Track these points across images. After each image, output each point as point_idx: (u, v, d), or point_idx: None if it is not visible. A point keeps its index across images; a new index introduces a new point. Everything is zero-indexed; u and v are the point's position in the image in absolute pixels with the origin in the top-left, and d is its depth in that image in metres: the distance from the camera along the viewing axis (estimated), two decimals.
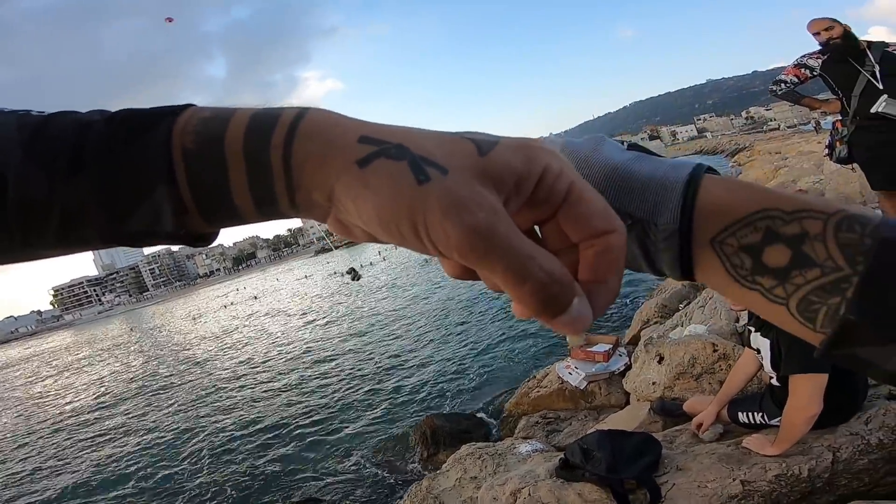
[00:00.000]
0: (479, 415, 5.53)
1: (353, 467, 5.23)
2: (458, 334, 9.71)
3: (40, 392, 17.96)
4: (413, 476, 4.47)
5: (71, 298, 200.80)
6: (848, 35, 3.21)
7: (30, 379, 23.43)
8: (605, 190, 0.33)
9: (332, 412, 7.14)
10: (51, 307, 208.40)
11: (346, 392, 7.93)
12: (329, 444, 6.04)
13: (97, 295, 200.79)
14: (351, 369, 9.33)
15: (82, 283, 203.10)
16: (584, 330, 0.24)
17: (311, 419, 7.08)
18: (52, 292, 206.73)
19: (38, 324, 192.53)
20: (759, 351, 2.17)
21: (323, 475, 5.27)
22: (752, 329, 2.19)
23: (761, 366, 2.24)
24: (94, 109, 0.28)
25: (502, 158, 0.24)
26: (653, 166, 0.34)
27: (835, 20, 3.24)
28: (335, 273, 35.98)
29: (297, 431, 6.74)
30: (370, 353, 10.14)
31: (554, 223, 0.26)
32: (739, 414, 2.37)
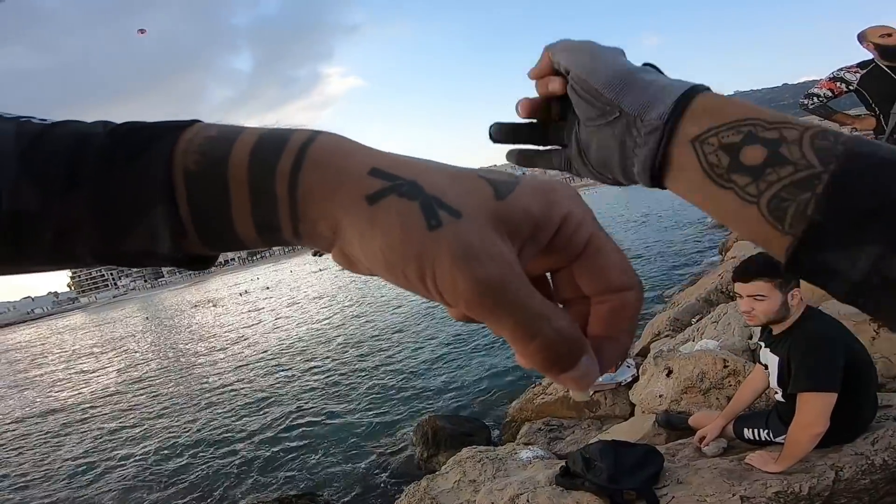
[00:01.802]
0: (481, 418, 5.52)
1: (351, 464, 5.24)
2: (465, 336, 9.68)
3: (47, 375, 18.28)
4: (411, 476, 4.46)
5: (88, 281, 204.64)
6: None
7: (38, 361, 23.85)
8: (608, 84, 0.35)
9: (333, 408, 7.16)
10: (67, 289, 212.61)
11: (349, 388, 7.95)
12: (328, 439, 6.05)
13: (113, 279, 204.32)
14: (355, 366, 9.36)
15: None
16: (589, 387, 0.23)
17: (311, 414, 7.11)
18: (70, 274, 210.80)
19: (55, 305, 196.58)
20: (767, 367, 2.14)
21: (321, 471, 5.29)
22: (763, 345, 2.17)
23: (769, 383, 2.22)
24: (98, 121, 0.27)
25: (520, 204, 0.23)
26: (661, 77, 0.36)
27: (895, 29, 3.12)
28: (323, 269, 36.01)
29: (297, 425, 6.77)
30: (374, 350, 10.17)
31: (567, 272, 0.25)
32: (745, 430, 2.35)
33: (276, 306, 23.67)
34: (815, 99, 3.39)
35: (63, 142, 0.26)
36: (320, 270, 44.12)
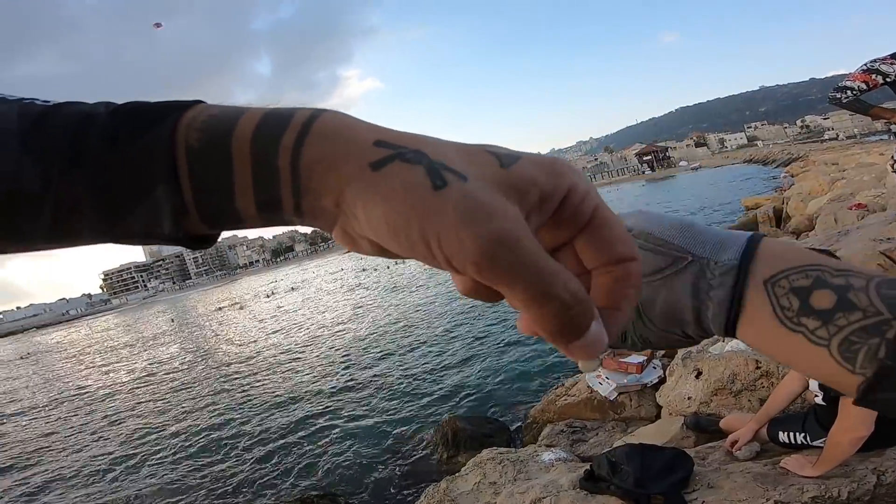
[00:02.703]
0: (502, 419, 5.45)
1: (371, 465, 5.23)
2: (487, 335, 9.62)
3: (81, 374, 18.85)
4: (431, 477, 4.41)
5: (119, 283, 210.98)
6: None
7: (73, 361, 24.63)
8: (674, 233, 0.36)
9: (353, 408, 7.17)
10: (100, 291, 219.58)
11: (368, 389, 7.96)
12: (348, 440, 6.06)
13: (143, 281, 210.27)
14: (373, 365, 9.38)
15: (130, 268, 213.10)
16: (599, 354, 0.23)
17: (331, 414, 7.13)
18: (103, 276, 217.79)
19: (88, 307, 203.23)
20: None
21: (341, 471, 5.29)
22: None
23: (807, 385, 2.16)
24: (100, 101, 0.27)
25: (526, 172, 0.23)
26: (716, 230, 0.37)
27: None
28: (364, 269, 36.47)
29: (317, 425, 6.79)
30: (395, 350, 10.19)
31: (569, 248, 0.26)
32: (780, 433, 2.28)
33: (300, 307, 23.96)
34: (849, 92, 3.24)
35: (66, 121, 0.25)
36: (340, 270, 44.59)
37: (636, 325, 0.39)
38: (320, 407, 7.57)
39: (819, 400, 2.05)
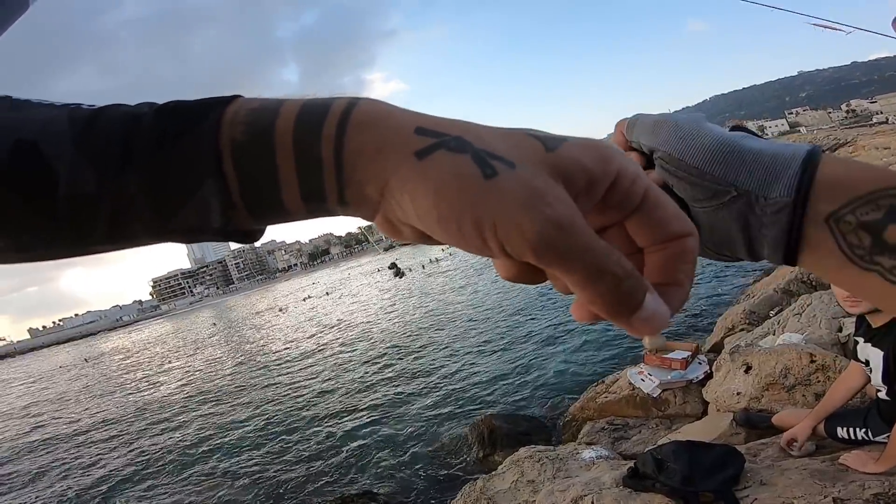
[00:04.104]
0: (540, 417, 5.36)
1: (408, 463, 5.23)
2: (524, 334, 9.51)
3: (137, 379, 19.75)
4: (468, 475, 4.38)
5: (167, 290, 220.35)
6: None
7: (129, 365, 25.83)
8: (711, 160, 0.32)
9: (390, 408, 7.22)
10: (150, 297, 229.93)
11: (406, 388, 8.00)
12: (386, 439, 6.09)
13: (189, 287, 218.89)
14: (410, 363, 9.43)
15: (177, 275, 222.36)
16: (663, 328, 0.23)
17: (369, 414, 7.19)
18: (152, 283, 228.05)
19: (139, 313, 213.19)
20: (867, 363, 1.96)
21: (378, 470, 5.32)
22: (861, 339, 1.95)
23: (868, 380, 2.03)
24: (144, 102, 0.27)
25: (573, 155, 0.23)
26: (765, 143, 0.32)
27: None
28: (380, 269, 36.71)
29: (355, 425, 6.86)
30: (431, 349, 10.21)
31: (615, 229, 0.26)
32: (839, 429, 2.17)
33: (335, 310, 24.37)
34: None
35: (115, 122, 0.26)
36: (377, 271, 45.12)
37: None
38: (357, 406, 7.66)
39: (883, 395, 1.93)
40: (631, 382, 4.15)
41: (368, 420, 6.93)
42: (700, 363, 4.11)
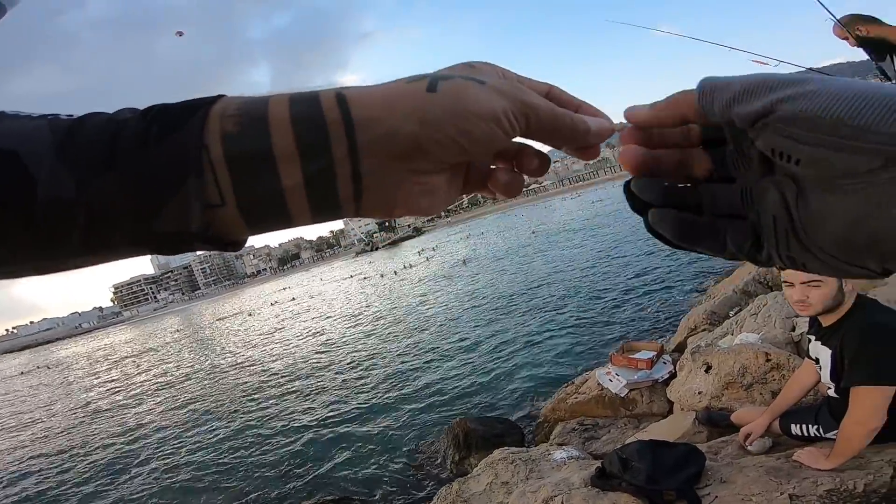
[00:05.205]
0: (513, 419, 5.43)
1: (384, 468, 5.22)
2: (494, 336, 9.59)
3: (93, 386, 18.99)
4: (443, 478, 4.42)
5: (129, 296, 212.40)
6: None
7: (86, 373, 24.83)
8: (883, 113, 0.23)
9: (364, 411, 7.18)
10: (111, 304, 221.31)
11: (378, 391, 7.96)
12: (359, 443, 6.06)
13: (153, 292, 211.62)
14: (384, 368, 9.37)
15: (140, 280, 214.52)
16: (611, 134, 0.33)
17: (341, 418, 7.13)
18: (113, 289, 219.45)
19: (100, 320, 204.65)
20: (817, 360, 2.03)
21: (354, 475, 5.29)
22: (812, 338, 2.04)
23: (819, 377, 2.11)
24: (125, 108, 0.27)
25: (514, 80, 0.31)
26: None
27: None
28: (353, 275, 36.56)
29: (328, 430, 6.80)
30: (404, 354, 10.16)
31: None
32: (792, 426, 2.25)
33: (305, 312, 24.01)
34: None
35: (97, 128, 0.26)
36: (350, 277, 44.68)
37: (789, 241, 0.27)
38: (328, 411, 7.58)
39: (832, 392, 2.01)
40: (599, 383, 4.25)
41: (340, 425, 6.87)
42: (665, 363, 4.23)
